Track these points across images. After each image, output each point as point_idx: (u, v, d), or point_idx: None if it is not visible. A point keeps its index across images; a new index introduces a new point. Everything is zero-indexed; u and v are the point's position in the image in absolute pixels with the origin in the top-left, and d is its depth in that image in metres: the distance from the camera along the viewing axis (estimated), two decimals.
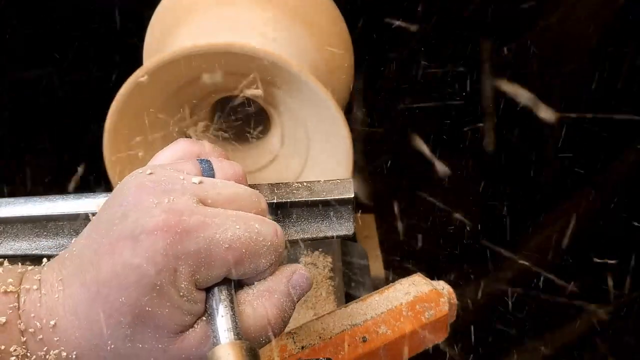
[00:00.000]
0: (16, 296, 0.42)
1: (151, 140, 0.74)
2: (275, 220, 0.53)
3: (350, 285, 0.88)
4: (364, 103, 0.96)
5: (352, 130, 0.70)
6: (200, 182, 0.43)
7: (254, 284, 0.45)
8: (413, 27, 1.12)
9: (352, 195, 0.52)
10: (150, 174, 0.43)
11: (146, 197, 0.41)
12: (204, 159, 0.47)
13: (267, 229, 0.44)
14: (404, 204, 1.29)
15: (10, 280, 0.42)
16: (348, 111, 0.94)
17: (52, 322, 0.41)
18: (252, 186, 0.54)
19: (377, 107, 1.19)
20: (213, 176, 0.46)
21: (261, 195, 0.47)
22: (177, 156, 0.48)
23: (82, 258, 0.42)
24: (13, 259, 0.50)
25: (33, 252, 0.52)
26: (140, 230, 0.39)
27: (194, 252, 0.40)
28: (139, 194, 0.41)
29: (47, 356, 0.41)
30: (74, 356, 0.41)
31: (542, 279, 1.24)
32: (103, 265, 0.40)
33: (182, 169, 0.45)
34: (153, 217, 0.40)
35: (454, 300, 0.64)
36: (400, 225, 1.25)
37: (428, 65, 1.16)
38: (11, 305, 0.41)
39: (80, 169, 0.93)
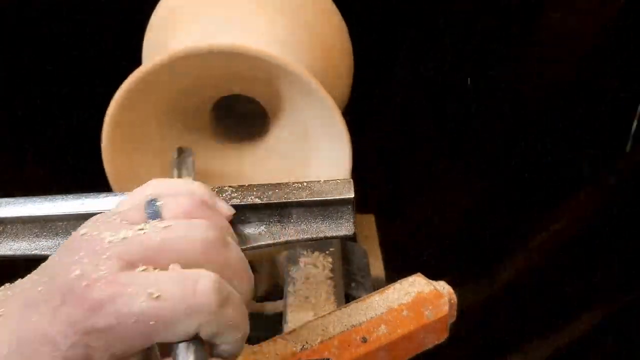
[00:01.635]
0: None
1: (150, 139, 0.74)
2: (275, 221, 0.53)
3: (350, 285, 0.88)
4: (363, 103, 0.96)
5: (351, 130, 0.70)
6: (124, 238, 0.40)
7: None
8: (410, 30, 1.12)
9: (352, 195, 0.52)
10: (84, 231, 0.41)
11: (71, 259, 0.40)
12: (152, 199, 0.43)
13: (184, 290, 0.38)
14: (404, 204, 1.29)
15: None
16: (347, 111, 0.94)
17: None
18: (249, 187, 0.53)
19: (376, 107, 1.19)
20: (159, 215, 0.42)
21: (205, 229, 0.41)
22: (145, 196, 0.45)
23: (12, 305, 0.40)
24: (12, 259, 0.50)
25: (33, 252, 0.51)
26: (60, 302, 0.38)
27: (104, 328, 0.37)
28: (67, 255, 0.40)
29: None
30: None
31: (542, 279, 1.24)
32: (22, 325, 0.39)
33: (126, 218, 0.42)
34: (71, 288, 0.38)
35: (454, 300, 0.64)
36: (400, 225, 1.25)
37: (427, 64, 1.16)
38: None
39: (79, 169, 0.93)
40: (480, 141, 1.22)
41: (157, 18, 0.83)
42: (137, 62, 0.84)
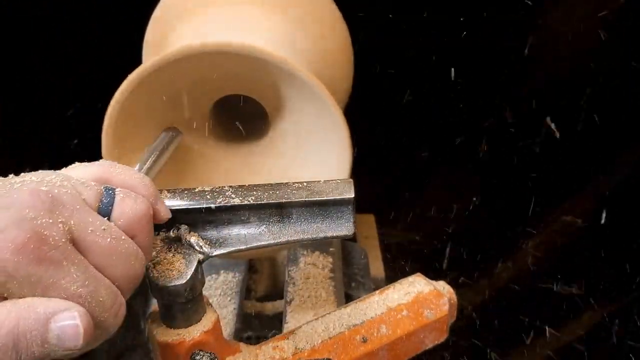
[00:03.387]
0: None
1: (150, 139, 0.73)
2: (275, 221, 0.53)
3: (350, 285, 0.88)
4: (363, 103, 0.96)
5: (352, 130, 0.70)
6: (81, 223, 0.42)
7: None
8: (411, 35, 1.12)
9: (352, 196, 0.52)
10: (49, 186, 0.41)
11: (30, 205, 0.40)
12: (110, 189, 0.45)
13: (111, 303, 0.42)
14: (404, 204, 1.29)
15: None
16: (348, 111, 0.94)
17: None
18: (249, 187, 0.53)
19: (376, 107, 1.19)
20: (109, 211, 0.44)
21: (140, 258, 0.45)
22: (93, 176, 0.46)
23: None
24: None
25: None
26: (1, 229, 0.38)
27: (33, 282, 0.39)
28: (27, 199, 0.40)
29: None
30: None
31: (542, 279, 1.24)
32: None
33: (83, 192, 0.43)
34: (20, 228, 0.38)
35: (454, 300, 0.64)
36: (400, 225, 1.25)
37: (428, 66, 1.16)
38: None
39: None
40: (480, 142, 1.22)
41: (158, 16, 0.83)
42: (138, 61, 0.84)
